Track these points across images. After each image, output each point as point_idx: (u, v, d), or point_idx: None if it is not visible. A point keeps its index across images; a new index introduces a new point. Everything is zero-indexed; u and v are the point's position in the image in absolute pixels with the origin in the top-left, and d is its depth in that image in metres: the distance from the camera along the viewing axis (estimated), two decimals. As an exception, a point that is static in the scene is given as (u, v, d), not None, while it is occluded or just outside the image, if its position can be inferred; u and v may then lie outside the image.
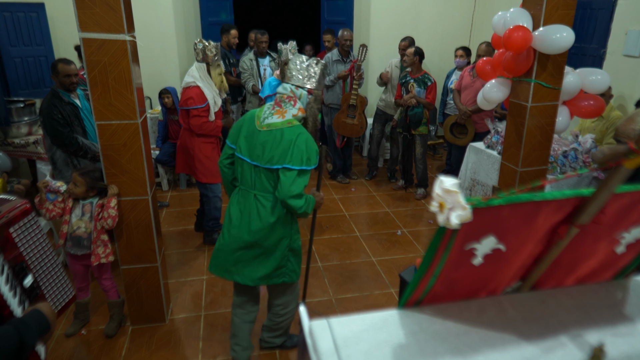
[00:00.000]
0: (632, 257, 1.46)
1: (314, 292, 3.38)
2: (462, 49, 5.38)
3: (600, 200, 1.16)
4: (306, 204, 2.21)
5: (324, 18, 6.49)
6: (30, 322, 1.33)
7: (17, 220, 1.56)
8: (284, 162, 2.15)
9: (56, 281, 1.74)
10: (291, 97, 2.26)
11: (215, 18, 6.06)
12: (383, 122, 5.49)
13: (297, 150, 2.14)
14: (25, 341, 1.28)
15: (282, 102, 2.26)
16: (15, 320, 1.32)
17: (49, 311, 1.43)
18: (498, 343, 1.22)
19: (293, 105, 2.24)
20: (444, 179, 1.00)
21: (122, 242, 2.77)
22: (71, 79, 3.32)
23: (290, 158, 2.14)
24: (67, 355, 2.76)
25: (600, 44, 4.47)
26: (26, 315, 1.36)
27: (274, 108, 2.26)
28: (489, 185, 4.07)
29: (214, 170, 3.66)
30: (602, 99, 3.20)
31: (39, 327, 1.36)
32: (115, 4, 2.28)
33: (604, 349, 1.12)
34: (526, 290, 1.45)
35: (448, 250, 1.15)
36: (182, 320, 3.06)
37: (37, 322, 1.36)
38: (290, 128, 2.19)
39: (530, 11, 2.61)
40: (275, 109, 2.25)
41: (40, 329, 1.36)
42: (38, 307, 1.42)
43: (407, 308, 1.34)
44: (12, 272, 1.53)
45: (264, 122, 2.23)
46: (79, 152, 3.34)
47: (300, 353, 1.33)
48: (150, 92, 5.71)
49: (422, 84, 4.75)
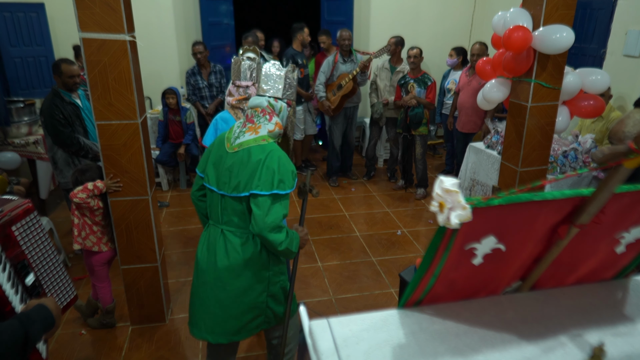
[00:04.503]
0: (632, 257, 1.46)
1: (314, 292, 3.38)
2: (454, 49, 5.45)
3: (600, 200, 1.16)
4: (288, 239, 1.86)
5: (324, 18, 6.48)
6: (35, 317, 1.33)
7: (19, 219, 1.58)
8: (250, 188, 1.80)
9: (58, 280, 1.74)
10: (266, 111, 1.93)
11: (215, 18, 6.06)
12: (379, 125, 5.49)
13: (267, 171, 1.80)
14: (30, 336, 1.28)
15: (255, 117, 1.92)
16: (20, 315, 1.32)
17: (54, 307, 1.43)
18: (498, 343, 1.22)
19: (269, 120, 1.91)
20: (444, 179, 1.00)
21: (122, 242, 2.77)
22: (74, 79, 3.34)
23: (257, 182, 1.79)
24: (67, 355, 2.76)
25: (600, 44, 4.47)
26: (31, 310, 1.36)
27: (245, 125, 1.92)
28: (489, 185, 4.07)
29: None
30: (602, 99, 3.20)
31: (44, 322, 1.36)
32: (115, 4, 2.28)
33: (604, 349, 1.12)
34: (526, 290, 1.45)
35: (448, 250, 1.15)
36: (182, 320, 3.06)
37: (43, 317, 1.36)
38: (259, 146, 1.85)
39: (530, 11, 2.61)
40: (247, 125, 1.92)
41: (45, 324, 1.36)
42: (43, 302, 1.41)
43: (407, 308, 1.34)
44: (14, 270, 1.53)
45: (235, 142, 1.90)
46: (80, 152, 3.35)
47: (300, 353, 1.33)
48: (150, 92, 5.71)
49: (422, 84, 4.76)
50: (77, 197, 2.59)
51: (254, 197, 1.81)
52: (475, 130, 4.86)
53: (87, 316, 3.01)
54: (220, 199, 1.92)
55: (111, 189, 2.61)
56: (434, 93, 4.84)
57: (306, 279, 3.53)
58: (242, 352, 2.77)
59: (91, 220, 2.73)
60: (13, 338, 1.24)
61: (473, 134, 4.88)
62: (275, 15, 9.84)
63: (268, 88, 1.97)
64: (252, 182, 1.81)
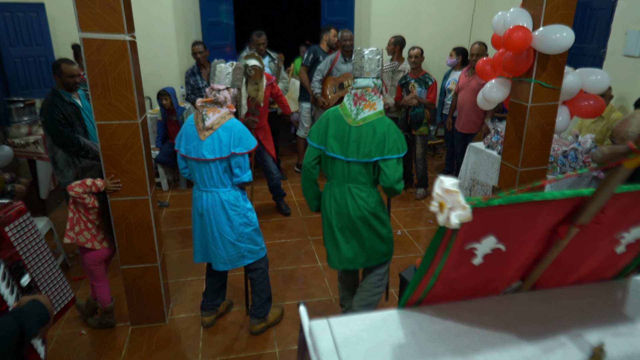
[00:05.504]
0: (632, 257, 1.46)
1: (314, 292, 3.38)
2: (454, 49, 5.46)
3: (600, 200, 1.16)
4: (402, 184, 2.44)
5: (324, 18, 6.48)
6: (29, 312, 1.32)
7: (12, 220, 1.58)
8: (382, 154, 2.30)
9: (54, 282, 1.74)
10: (376, 90, 2.36)
11: (215, 18, 6.06)
12: None
13: (392, 140, 2.30)
14: (25, 331, 1.27)
15: (367, 95, 2.34)
16: (14, 311, 1.31)
17: (47, 302, 1.42)
18: (498, 343, 1.22)
19: (379, 97, 2.36)
20: (444, 179, 1.00)
21: (122, 242, 2.77)
22: (75, 79, 3.34)
23: (389, 149, 2.30)
24: (67, 355, 2.76)
25: (600, 44, 4.47)
26: (25, 306, 1.34)
27: (360, 103, 2.35)
28: (489, 185, 4.07)
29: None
30: (602, 99, 3.20)
31: (39, 317, 1.35)
32: (115, 4, 2.28)
33: (604, 349, 1.12)
34: (526, 290, 1.45)
35: (448, 250, 1.15)
36: (182, 320, 3.06)
37: (37, 312, 1.35)
38: (380, 120, 2.33)
39: (530, 11, 2.61)
40: (362, 103, 2.35)
41: (40, 319, 1.35)
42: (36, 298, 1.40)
43: (407, 308, 1.34)
44: (9, 270, 1.53)
45: (358, 117, 2.34)
46: (80, 152, 3.35)
47: (300, 353, 1.33)
48: (149, 92, 5.71)
49: (423, 84, 4.77)
50: (73, 191, 2.59)
51: (384, 161, 2.32)
52: (475, 131, 4.86)
53: (87, 316, 3.01)
54: (345, 164, 2.38)
55: (110, 188, 2.61)
56: (435, 93, 4.84)
57: (306, 279, 3.53)
58: (242, 352, 2.78)
59: (85, 217, 2.73)
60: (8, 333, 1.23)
61: (473, 134, 4.87)
62: (275, 15, 9.84)
63: (370, 70, 2.35)
64: (382, 149, 2.30)
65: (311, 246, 4.03)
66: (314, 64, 5.33)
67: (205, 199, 2.59)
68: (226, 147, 2.49)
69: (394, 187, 2.36)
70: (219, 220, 2.60)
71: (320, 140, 2.46)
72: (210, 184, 2.58)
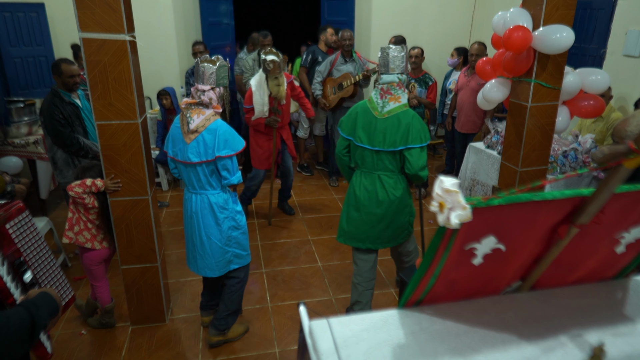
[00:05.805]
0: (632, 257, 1.46)
1: (314, 292, 3.38)
2: (455, 49, 5.45)
3: (600, 200, 1.16)
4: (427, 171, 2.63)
5: (324, 18, 6.48)
6: (40, 303, 1.35)
7: (12, 217, 1.60)
8: (406, 144, 2.51)
9: (54, 279, 1.75)
10: (401, 84, 2.55)
11: (215, 18, 6.06)
12: None
13: (414, 130, 2.50)
14: (36, 321, 1.29)
15: (392, 89, 2.54)
16: (25, 302, 1.34)
17: (56, 294, 1.45)
18: (498, 343, 1.22)
19: (403, 91, 2.56)
20: (444, 179, 1.00)
21: (122, 242, 2.77)
22: (75, 79, 3.34)
23: (412, 139, 2.50)
24: (67, 355, 2.76)
25: (600, 44, 4.46)
26: (36, 297, 1.37)
27: (385, 97, 2.56)
28: (489, 185, 4.06)
29: (263, 157, 4.24)
30: (602, 99, 3.20)
31: (49, 308, 1.38)
32: (115, 4, 2.28)
33: (604, 349, 1.12)
34: (526, 290, 1.45)
35: (448, 250, 1.15)
36: (182, 320, 3.06)
37: (47, 303, 1.38)
38: (404, 112, 2.53)
39: (530, 11, 2.61)
40: (388, 97, 2.55)
41: (50, 310, 1.38)
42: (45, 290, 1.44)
43: (407, 308, 1.34)
44: (12, 267, 1.54)
45: (384, 110, 2.55)
46: (80, 152, 3.35)
47: (300, 353, 1.33)
48: (149, 92, 5.70)
49: (423, 84, 4.77)
50: (73, 191, 2.59)
51: (408, 150, 2.52)
52: (474, 131, 4.85)
53: (87, 316, 3.01)
54: (374, 153, 2.59)
55: (110, 189, 2.61)
56: (435, 93, 4.84)
57: (306, 279, 3.53)
58: (241, 352, 2.78)
59: (85, 217, 2.73)
60: (20, 323, 1.25)
61: (473, 134, 4.87)
62: (275, 15, 9.84)
63: (395, 67, 2.54)
64: (407, 140, 2.50)
65: (311, 246, 4.03)
66: (312, 65, 5.33)
67: (195, 201, 2.56)
68: (211, 150, 2.43)
69: (419, 174, 2.56)
70: (207, 223, 2.56)
71: (350, 132, 2.67)
72: (199, 186, 2.55)
